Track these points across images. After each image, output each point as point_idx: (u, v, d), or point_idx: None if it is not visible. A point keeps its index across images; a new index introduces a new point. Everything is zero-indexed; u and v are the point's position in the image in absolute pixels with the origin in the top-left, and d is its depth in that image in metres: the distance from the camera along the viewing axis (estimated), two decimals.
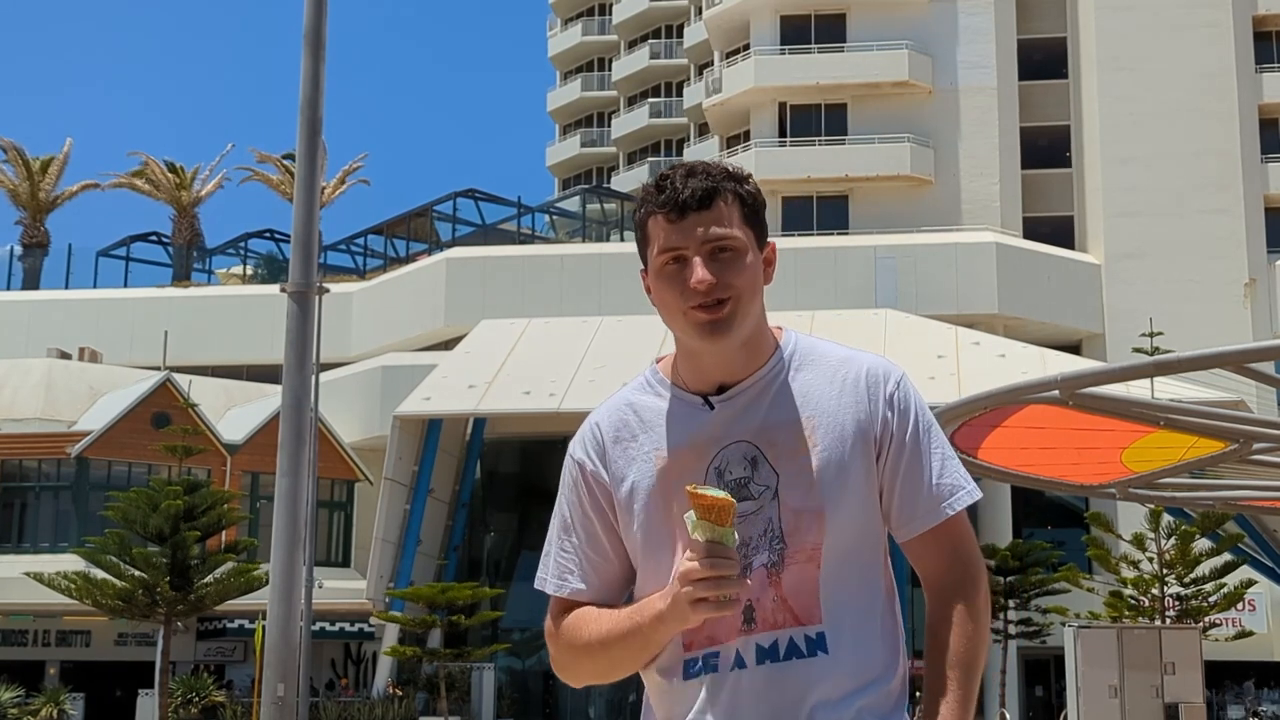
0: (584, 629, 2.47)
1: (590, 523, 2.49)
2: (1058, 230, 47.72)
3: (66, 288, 53.32)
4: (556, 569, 2.52)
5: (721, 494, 2.24)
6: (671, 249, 2.37)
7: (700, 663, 2.40)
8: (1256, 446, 15.53)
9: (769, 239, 2.48)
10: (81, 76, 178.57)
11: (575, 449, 2.53)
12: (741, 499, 2.37)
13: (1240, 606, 33.51)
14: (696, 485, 2.27)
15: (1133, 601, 31.83)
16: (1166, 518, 31.77)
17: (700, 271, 2.34)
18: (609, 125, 72.39)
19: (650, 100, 70.03)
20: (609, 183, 68.10)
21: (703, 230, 2.36)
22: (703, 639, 2.39)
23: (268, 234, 56.89)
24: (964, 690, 2.35)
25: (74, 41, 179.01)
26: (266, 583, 17.28)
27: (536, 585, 2.55)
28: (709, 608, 2.25)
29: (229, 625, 38.23)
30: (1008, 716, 33.00)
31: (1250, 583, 33.40)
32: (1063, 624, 26.28)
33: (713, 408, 2.42)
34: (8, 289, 54.62)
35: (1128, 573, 31.87)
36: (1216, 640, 30.98)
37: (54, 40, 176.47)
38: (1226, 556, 32.43)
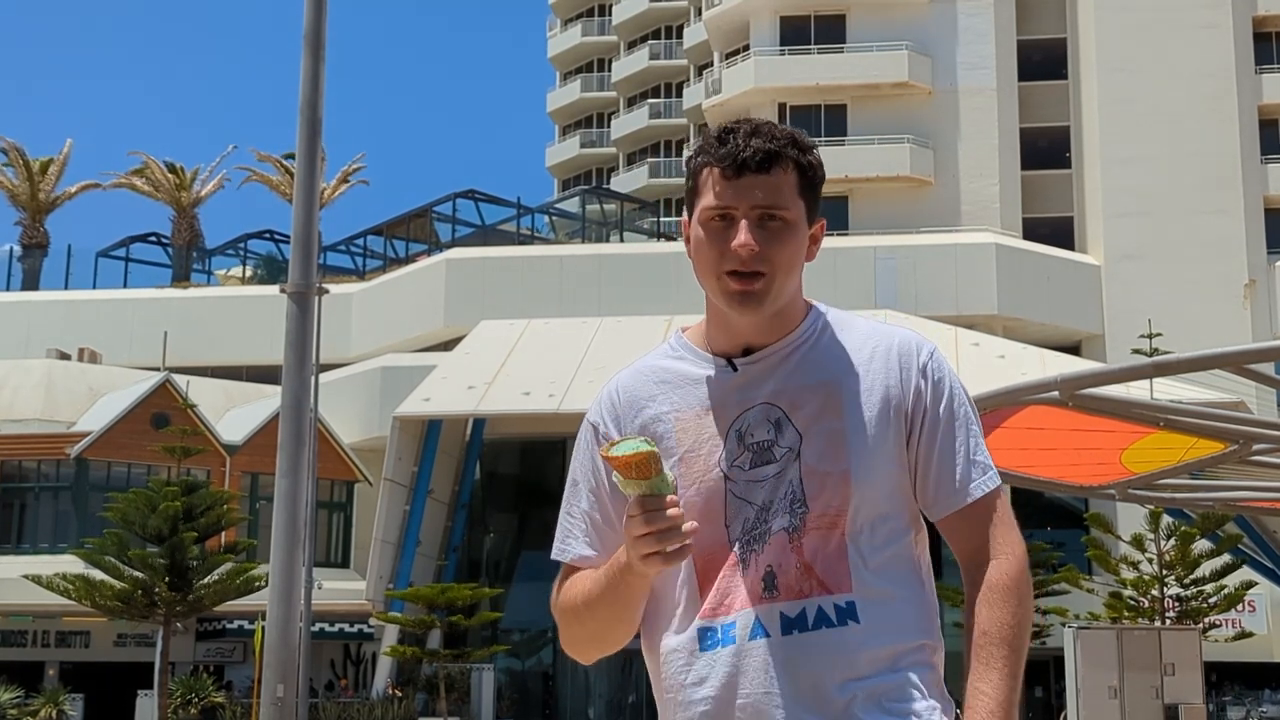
0: (572, 592, 2.40)
1: (599, 487, 2.42)
2: (1057, 231, 47.72)
3: (66, 288, 53.31)
4: (561, 533, 2.46)
5: (634, 447, 2.15)
6: (722, 206, 2.31)
7: (719, 633, 2.28)
8: (1256, 447, 15.53)
9: (819, 218, 2.42)
10: (81, 77, 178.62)
11: (591, 412, 2.46)
12: (763, 462, 2.30)
13: (1240, 608, 33.52)
14: (609, 446, 2.18)
15: (1132, 602, 31.83)
16: (1166, 519, 31.77)
17: (745, 235, 2.28)
18: (609, 126, 72.40)
19: (650, 101, 70.03)
20: (609, 183, 68.09)
21: (758, 194, 2.31)
22: (720, 607, 2.29)
23: (267, 234, 56.91)
24: (1009, 667, 2.23)
25: (74, 42, 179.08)
26: (266, 583, 17.28)
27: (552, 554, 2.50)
28: (660, 559, 2.17)
29: (228, 626, 38.22)
30: None
31: (1250, 584, 33.40)
32: (1062, 625, 26.26)
33: (736, 370, 2.36)
34: (7, 290, 54.61)
35: (1127, 574, 31.87)
36: (1216, 641, 30.98)
37: (54, 40, 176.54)
38: (1226, 557, 32.43)
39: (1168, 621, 30.55)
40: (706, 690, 2.28)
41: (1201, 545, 31.96)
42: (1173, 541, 31.63)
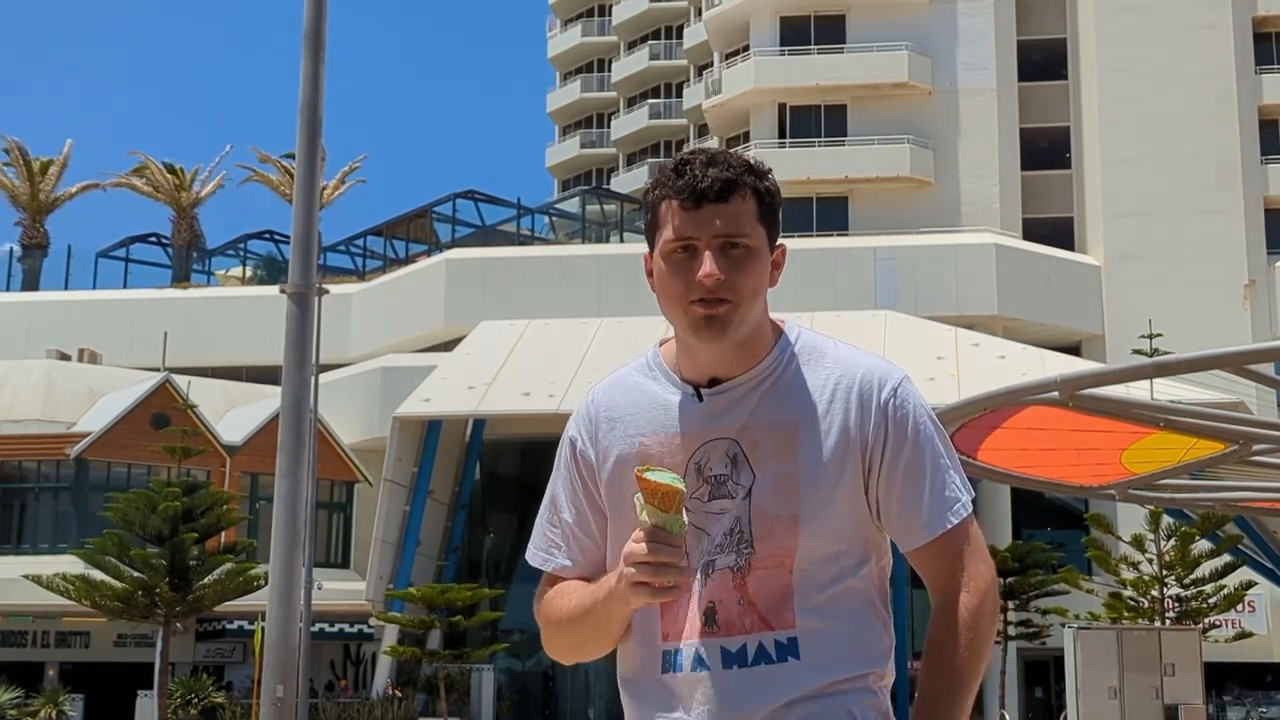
0: (557, 603, 2.44)
1: (578, 499, 2.47)
2: (1057, 231, 47.72)
3: (66, 289, 53.32)
4: (543, 542, 2.50)
5: (671, 480, 2.20)
6: (683, 238, 2.32)
7: (675, 657, 2.34)
8: (1256, 448, 15.51)
9: (780, 242, 2.42)
10: (81, 77, 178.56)
11: (570, 424, 2.50)
12: (718, 496, 2.33)
13: (1240, 608, 33.50)
14: (646, 469, 2.23)
15: (1132, 603, 31.82)
16: (1166, 519, 31.75)
17: (709, 265, 2.29)
18: (609, 126, 72.39)
19: (650, 101, 70.03)
20: (609, 184, 68.07)
21: (718, 223, 2.31)
22: (673, 633, 2.34)
23: (267, 235, 56.91)
24: (957, 697, 2.30)
25: (74, 42, 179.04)
26: (266, 584, 17.28)
27: (526, 556, 2.55)
28: (648, 592, 2.21)
29: (228, 626, 38.21)
30: (1007, 717, 33.00)
31: (1250, 584, 33.39)
32: (1062, 625, 26.27)
33: (702, 400, 2.37)
34: (7, 290, 54.62)
35: (1127, 574, 31.86)
36: (1216, 641, 30.98)
37: (53, 41, 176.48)
38: (1226, 558, 32.41)
39: (1168, 622, 30.53)
40: (658, 715, 2.35)
41: (1201, 545, 31.94)
42: (1173, 542, 31.62)
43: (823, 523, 2.31)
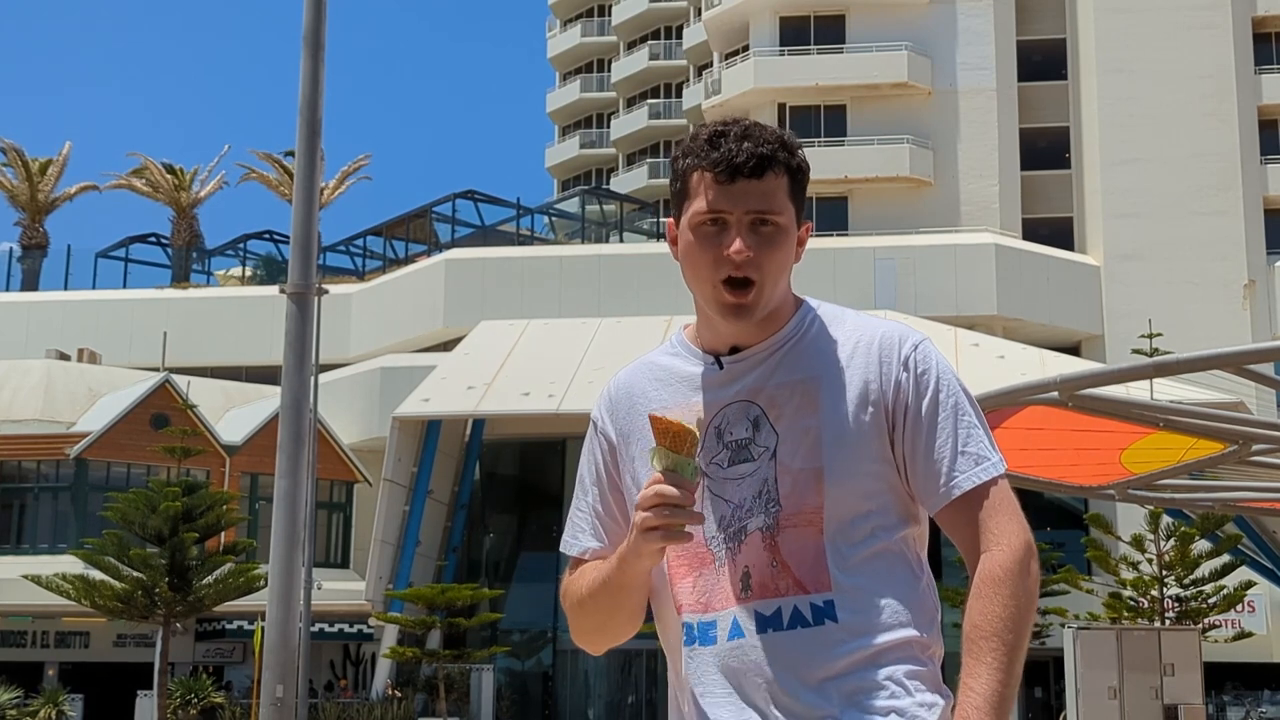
0: (577, 584, 2.43)
1: (601, 480, 2.47)
2: (1057, 231, 47.72)
3: (65, 289, 53.30)
4: (570, 528, 2.50)
5: (679, 420, 2.19)
6: (715, 211, 2.31)
7: (695, 630, 2.31)
8: (1255, 448, 15.53)
9: (805, 220, 2.42)
10: (80, 78, 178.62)
11: (595, 407, 2.51)
12: (740, 460, 2.33)
13: (1240, 608, 33.52)
14: (660, 411, 2.25)
15: (1132, 603, 31.83)
16: (1166, 519, 31.76)
17: (739, 242, 2.29)
18: (608, 126, 72.39)
19: (649, 101, 70.03)
20: (608, 184, 68.06)
21: (751, 199, 2.30)
22: (697, 605, 2.32)
23: (267, 235, 56.89)
24: (999, 660, 2.17)
25: (73, 43, 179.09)
26: (265, 584, 17.27)
27: (560, 548, 2.54)
28: (659, 536, 2.18)
29: (228, 626, 38.21)
30: None
31: (1250, 584, 33.40)
32: (1062, 625, 26.27)
33: (722, 367, 2.38)
34: (7, 290, 54.58)
35: (1127, 574, 31.87)
36: (1216, 642, 30.98)
37: (53, 42, 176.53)
38: (1226, 558, 32.43)
39: (1167, 622, 30.55)
40: (689, 687, 2.32)
41: (1201, 546, 31.96)
42: (1172, 542, 31.63)
43: (849, 479, 2.28)
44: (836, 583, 2.26)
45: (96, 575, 30.93)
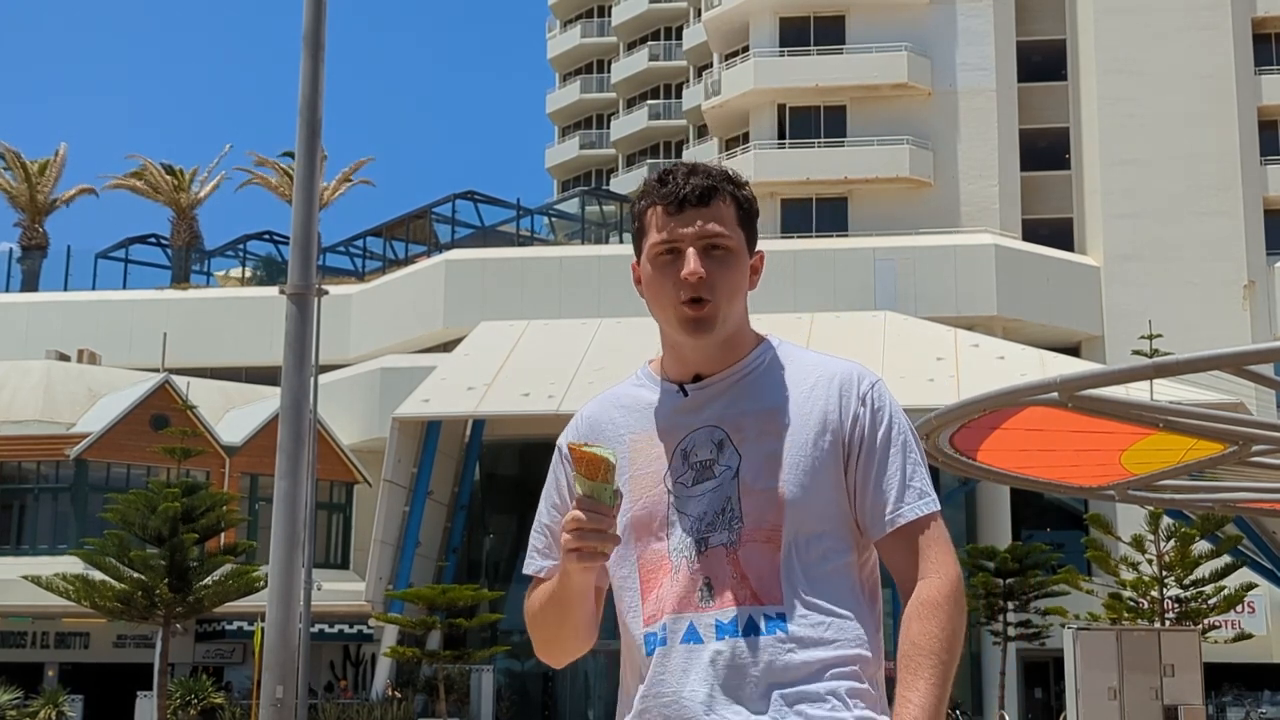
0: (532, 600, 2.59)
1: (560, 503, 2.59)
2: (1057, 232, 47.72)
3: (65, 290, 53.29)
4: (530, 549, 2.64)
5: (601, 451, 2.32)
6: (668, 241, 2.48)
7: (655, 634, 2.44)
8: (1256, 449, 15.51)
9: (758, 249, 2.58)
10: (80, 79, 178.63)
11: (561, 437, 2.64)
12: (704, 479, 2.46)
13: (1240, 609, 33.51)
14: (582, 443, 2.39)
15: (1132, 603, 31.82)
16: (1166, 520, 31.76)
17: (693, 264, 2.45)
18: (608, 127, 72.40)
19: (649, 102, 70.04)
20: (608, 185, 68.08)
21: (699, 225, 2.47)
22: (658, 613, 2.45)
23: (266, 236, 56.87)
24: (935, 676, 2.33)
25: (72, 45, 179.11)
26: (265, 584, 17.27)
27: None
28: (579, 557, 2.34)
29: (228, 627, 38.20)
30: (1007, 718, 33.00)
31: (1250, 585, 33.40)
32: (1062, 626, 26.30)
33: (687, 394, 2.52)
34: (7, 291, 54.58)
35: (1127, 575, 31.86)
36: (1216, 642, 30.98)
37: (52, 44, 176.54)
38: (1226, 559, 32.42)
39: (1167, 623, 30.54)
40: (643, 688, 2.45)
41: (1201, 546, 31.95)
42: (1172, 543, 31.62)
43: (807, 501, 2.43)
44: (788, 595, 2.41)
45: (96, 576, 30.92)
